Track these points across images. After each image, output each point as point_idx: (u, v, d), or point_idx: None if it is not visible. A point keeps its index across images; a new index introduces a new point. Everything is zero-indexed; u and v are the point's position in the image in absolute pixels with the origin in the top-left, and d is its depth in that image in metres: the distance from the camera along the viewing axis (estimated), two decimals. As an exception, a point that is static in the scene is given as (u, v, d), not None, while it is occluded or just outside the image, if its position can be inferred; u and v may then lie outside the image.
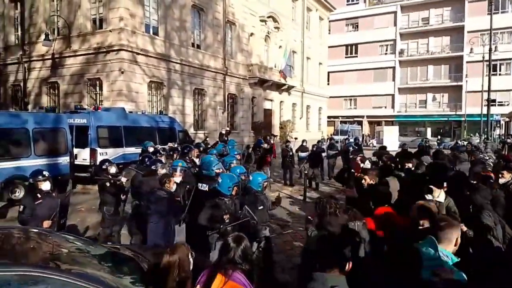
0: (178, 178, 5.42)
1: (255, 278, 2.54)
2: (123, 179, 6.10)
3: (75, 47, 17.79)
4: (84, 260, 3.19)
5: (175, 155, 8.73)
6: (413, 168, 6.89)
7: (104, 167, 6.35)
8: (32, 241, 3.34)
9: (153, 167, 5.98)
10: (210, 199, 4.64)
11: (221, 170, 5.67)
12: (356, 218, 3.62)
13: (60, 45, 18.33)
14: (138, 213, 5.58)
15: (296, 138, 19.26)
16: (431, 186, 4.12)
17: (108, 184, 5.99)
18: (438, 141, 32.93)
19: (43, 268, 2.56)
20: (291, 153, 14.08)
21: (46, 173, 5.13)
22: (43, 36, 17.41)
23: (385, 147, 12.29)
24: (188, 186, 5.50)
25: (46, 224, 4.65)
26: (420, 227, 3.08)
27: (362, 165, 7.38)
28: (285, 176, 14.16)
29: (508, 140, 14.56)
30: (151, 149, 10.23)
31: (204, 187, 5.44)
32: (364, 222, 3.65)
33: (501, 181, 5.57)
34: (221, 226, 4.23)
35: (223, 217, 4.29)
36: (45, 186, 4.95)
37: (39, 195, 4.82)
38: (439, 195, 4.14)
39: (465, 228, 3.46)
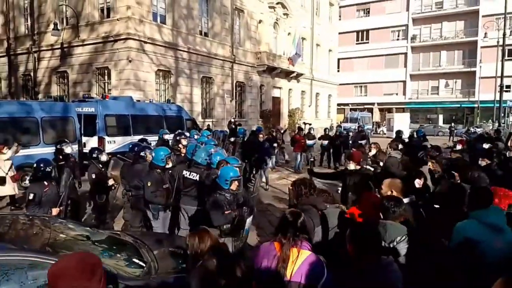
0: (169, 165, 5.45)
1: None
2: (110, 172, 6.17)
3: (83, 36, 17.88)
4: (83, 245, 3.27)
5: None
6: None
7: (94, 155, 6.37)
8: (33, 227, 3.43)
9: (141, 154, 5.92)
10: (211, 192, 4.51)
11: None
12: (327, 202, 3.73)
13: (68, 35, 18.45)
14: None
15: (310, 124, 19.02)
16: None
17: (94, 175, 6.06)
18: (452, 128, 31.99)
19: (40, 253, 2.63)
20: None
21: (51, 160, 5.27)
22: (52, 26, 17.52)
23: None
24: (170, 171, 5.47)
25: (55, 211, 4.76)
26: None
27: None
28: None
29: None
30: (166, 137, 10.25)
31: (193, 176, 5.30)
32: (338, 206, 3.78)
33: None
34: (223, 226, 4.19)
35: (224, 213, 4.17)
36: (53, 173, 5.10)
37: (46, 183, 4.87)
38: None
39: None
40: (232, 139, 9.74)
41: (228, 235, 4.22)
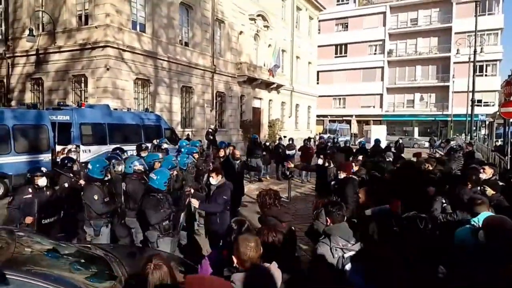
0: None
1: None
2: (82, 182, 5.91)
3: (60, 43, 17.52)
4: (50, 260, 3.12)
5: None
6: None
7: (70, 165, 6.26)
8: (-3, 240, 3.26)
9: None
10: (145, 193, 4.71)
11: (141, 167, 5.64)
12: None
13: (44, 41, 18.04)
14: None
15: (285, 136, 19.48)
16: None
17: (66, 184, 5.89)
18: (434, 139, 32.96)
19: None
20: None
21: (44, 169, 5.28)
22: (27, 32, 17.09)
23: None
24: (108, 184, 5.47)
25: (28, 220, 4.76)
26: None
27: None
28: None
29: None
30: (164, 146, 10.04)
31: (123, 186, 5.44)
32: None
33: (483, 176, 5.60)
34: (162, 223, 4.48)
35: (160, 211, 4.45)
36: (41, 182, 5.02)
37: (30, 190, 4.93)
38: None
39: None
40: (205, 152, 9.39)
41: (167, 231, 4.50)
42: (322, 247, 3.07)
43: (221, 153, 9.42)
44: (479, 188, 4.93)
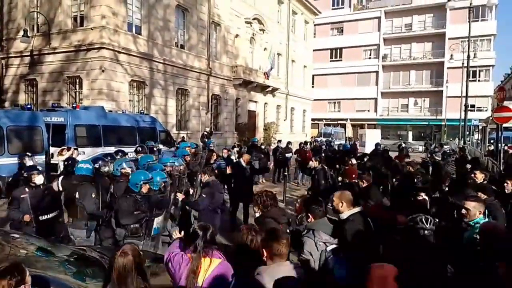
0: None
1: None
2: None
3: (55, 44, 17.44)
4: (45, 262, 3.10)
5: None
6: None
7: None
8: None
9: (96, 166, 5.81)
10: (123, 194, 4.72)
11: (129, 170, 5.55)
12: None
13: (39, 42, 17.94)
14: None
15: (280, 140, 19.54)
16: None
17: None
18: (430, 144, 33.14)
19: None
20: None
21: (40, 167, 5.44)
22: (21, 33, 16.97)
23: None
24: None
25: (26, 218, 4.82)
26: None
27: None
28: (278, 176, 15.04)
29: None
30: (154, 148, 10.01)
31: (111, 188, 5.41)
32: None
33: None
34: (130, 225, 4.46)
35: (133, 213, 4.43)
36: (38, 180, 5.08)
37: (26, 189, 4.97)
38: None
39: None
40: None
41: (134, 234, 4.47)
42: (307, 241, 3.23)
43: (214, 157, 9.41)
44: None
